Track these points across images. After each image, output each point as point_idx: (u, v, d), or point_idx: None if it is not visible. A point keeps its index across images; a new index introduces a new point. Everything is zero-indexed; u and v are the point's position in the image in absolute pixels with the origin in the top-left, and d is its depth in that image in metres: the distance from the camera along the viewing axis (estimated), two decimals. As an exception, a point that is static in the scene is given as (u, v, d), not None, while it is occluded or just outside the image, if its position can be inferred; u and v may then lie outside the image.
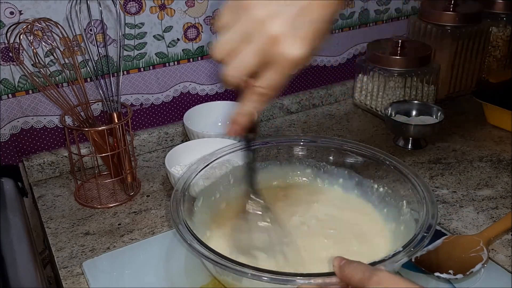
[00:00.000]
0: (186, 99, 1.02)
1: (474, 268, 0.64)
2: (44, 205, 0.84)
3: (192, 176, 0.71)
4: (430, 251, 0.67)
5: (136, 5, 0.89)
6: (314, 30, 0.46)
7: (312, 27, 0.46)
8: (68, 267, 0.70)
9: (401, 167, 0.71)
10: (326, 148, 0.79)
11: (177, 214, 0.63)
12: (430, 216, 0.61)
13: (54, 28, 0.79)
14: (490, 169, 0.90)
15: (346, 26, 1.15)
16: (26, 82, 0.86)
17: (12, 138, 0.89)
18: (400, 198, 0.69)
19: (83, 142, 0.94)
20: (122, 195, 0.85)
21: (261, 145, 0.79)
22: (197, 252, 0.57)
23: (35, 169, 0.90)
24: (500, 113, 1.02)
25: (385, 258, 0.54)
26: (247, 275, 0.52)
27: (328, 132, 1.05)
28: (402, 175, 0.70)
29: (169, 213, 0.68)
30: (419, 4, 1.22)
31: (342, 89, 1.19)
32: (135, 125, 0.99)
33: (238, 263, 0.54)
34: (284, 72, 0.47)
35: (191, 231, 0.60)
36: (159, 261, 0.70)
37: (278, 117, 1.13)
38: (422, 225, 0.60)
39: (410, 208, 0.67)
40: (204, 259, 0.56)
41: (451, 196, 0.83)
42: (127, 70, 0.94)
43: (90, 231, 0.77)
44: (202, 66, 1.01)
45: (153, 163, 0.96)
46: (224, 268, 0.54)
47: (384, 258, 0.54)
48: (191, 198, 0.70)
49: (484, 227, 0.74)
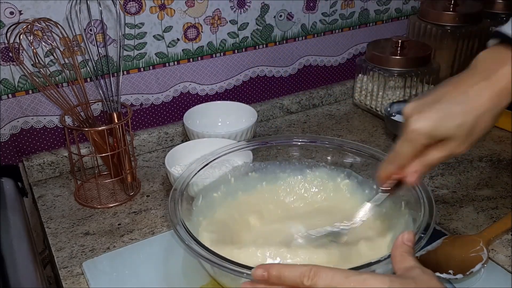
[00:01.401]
0: (186, 99, 1.02)
1: (474, 268, 0.64)
2: (44, 205, 0.84)
3: (191, 176, 0.71)
4: (430, 251, 0.67)
5: (136, 5, 0.89)
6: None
7: None
8: (68, 267, 0.70)
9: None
10: (325, 148, 0.79)
11: (175, 214, 0.63)
12: (428, 216, 0.61)
13: (54, 28, 0.79)
14: (490, 169, 0.90)
15: (346, 26, 1.15)
16: (26, 82, 0.86)
17: (12, 138, 0.89)
18: (399, 198, 0.69)
19: (83, 142, 0.94)
20: (122, 195, 0.85)
21: (261, 145, 0.79)
22: (194, 252, 0.56)
23: (35, 169, 0.90)
24: (500, 113, 1.02)
25: (380, 259, 0.54)
26: (242, 275, 0.52)
27: (328, 132, 1.05)
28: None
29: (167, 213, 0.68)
30: (419, 4, 1.22)
31: (342, 89, 1.19)
32: (135, 125, 0.99)
33: (235, 263, 0.54)
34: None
35: (188, 231, 0.60)
36: (159, 261, 0.70)
37: (278, 117, 1.13)
38: (420, 225, 0.60)
39: (409, 208, 0.67)
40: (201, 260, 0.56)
41: (451, 196, 0.83)
42: (127, 70, 0.94)
43: (90, 231, 0.77)
44: (202, 66, 1.01)
45: (153, 163, 0.96)
46: (221, 269, 0.54)
47: (380, 259, 0.54)
48: (190, 197, 0.70)
49: (484, 227, 0.74)
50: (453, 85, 0.55)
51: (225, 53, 1.02)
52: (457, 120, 0.52)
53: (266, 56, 1.07)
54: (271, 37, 1.06)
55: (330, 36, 1.14)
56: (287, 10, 1.05)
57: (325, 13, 1.10)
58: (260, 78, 1.09)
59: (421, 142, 0.54)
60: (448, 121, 0.53)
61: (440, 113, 0.53)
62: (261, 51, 1.06)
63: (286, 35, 1.08)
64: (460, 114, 0.52)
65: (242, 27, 1.01)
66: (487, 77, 0.52)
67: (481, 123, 0.53)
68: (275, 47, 1.08)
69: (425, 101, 0.55)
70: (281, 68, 1.11)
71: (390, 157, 0.58)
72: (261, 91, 1.11)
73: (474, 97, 0.52)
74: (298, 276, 0.43)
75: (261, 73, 1.09)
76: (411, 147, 0.55)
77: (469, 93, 0.53)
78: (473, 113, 0.52)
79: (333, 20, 1.12)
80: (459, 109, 0.52)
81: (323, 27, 1.11)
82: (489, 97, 0.52)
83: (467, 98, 0.53)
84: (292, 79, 1.13)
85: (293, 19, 1.07)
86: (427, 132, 0.53)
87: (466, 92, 0.53)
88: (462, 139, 0.53)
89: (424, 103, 0.54)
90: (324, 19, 1.11)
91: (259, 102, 1.11)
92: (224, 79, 1.05)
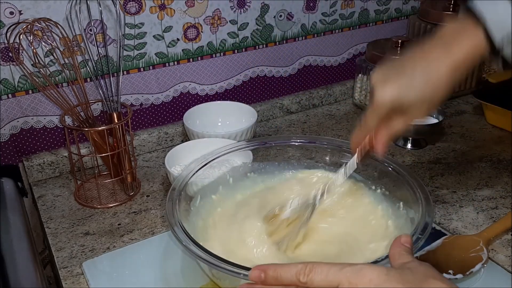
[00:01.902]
0: (186, 99, 1.02)
1: (474, 268, 0.64)
2: (44, 205, 0.84)
3: (189, 176, 0.71)
4: (430, 251, 0.67)
5: (136, 5, 0.89)
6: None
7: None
8: (68, 267, 0.70)
9: (398, 168, 0.71)
10: (324, 148, 0.79)
11: (172, 214, 0.62)
12: (426, 216, 0.61)
13: (54, 28, 0.79)
14: (490, 169, 0.90)
15: (346, 26, 1.15)
16: (26, 82, 0.86)
17: (12, 138, 0.89)
18: (397, 199, 0.69)
19: (83, 142, 0.94)
20: (122, 195, 0.85)
21: (260, 145, 0.79)
22: (191, 253, 0.56)
23: (35, 169, 0.90)
24: (500, 113, 1.02)
25: (378, 259, 0.54)
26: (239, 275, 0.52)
27: (328, 132, 1.05)
28: (398, 175, 0.70)
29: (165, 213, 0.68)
30: (419, 4, 1.22)
31: (342, 89, 1.19)
32: (135, 125, 0.99)
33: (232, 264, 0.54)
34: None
35: (186, 232, 0.59)
36: (159, 261, 0.70)
37: (278, 117, 1.13)
38: (418, 226, 0.60)
39: (407, 209, 0.67)
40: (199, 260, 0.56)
41: (451, 196, 0.83)
42: (127, 70, 0.94)
43: (90, 231, 0.77)
44: (202, 66, 1.01)
45: (153, 163, 0.96)
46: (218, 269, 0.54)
47: (377, 259, 0.54)
48: (189, 197, 0.70)
49: (484, 227, 0.74)
50: (418, 55, 0.58)
51: (225, 53, 1.02)
52: (417, 92, 0.57)
53: (266, 56, 1.07)
54: (271, 37, 1.06)
55: (330, 36, 1.14)
56: (287, 10, 1.05)
57: (325, 13, 1.10)
58: (260, 78, 1.09)
59: (385, 111, 0.58)
60: (410, 92, 0.57)
61: (402, 85, 0.57)
62: (261, 51, 1.06)
63: (286, 35, 1.08)
64: (420, 86, 0.56)
65: (242, 27, 1.01)
66: (448, 50, 0.56)
67: (438, 94, 0.57)
68: (275, 47, 1.08)
69: (391, 70, 0.59)
70: (281, 68, 1.11)
71: (360, 125, 0.62)
72: (261, 91, 1.11)
73: (434, 69, 0.56)
74: (295, 274, 0.43)
75: (261, 73, 1.09)
76: (376, 115, 0.59)
77: (430, 66, 0.57)
78: (432, 85, 0.56)
79: (333, 20, 1.12)
80: (420, 82, 0.56)
81: (323, 27, 1.11)
82: (447, 71, 0.56)
83: (428, 71, 0.56)
84: (292, 79, 1.13)
85: (293, 19, 1.07)
86: (390, 102, 0.57)
87: (428, 66, 0.57)
88: (421, 108, 0.58)
89: (390, 73, 0.59)
90: (324, 19, 1.11)
91: (259, 102, 1.11)
92: (224, 79, 1.05)
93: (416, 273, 0.41)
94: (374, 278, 0.40)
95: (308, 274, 0.42)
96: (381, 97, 0.58)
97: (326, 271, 0.42)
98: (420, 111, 0.58)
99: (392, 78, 0.58)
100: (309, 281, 0.42)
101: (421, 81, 0.56)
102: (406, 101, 0.57)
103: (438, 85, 0.56)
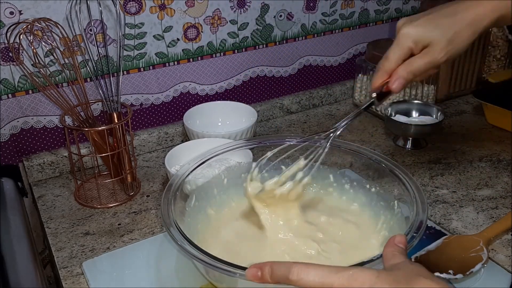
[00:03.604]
0: (186, 99, 1.02)
1: (474, 268, 0.64)
2: (44, 205, 0.84)
3: (185, 175, 0.70)
4: (430, 251, 0.67)
5: (136, 5, 0.89)
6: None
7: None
8: (68, 267, 0.70)
9: (393, 166, 0.71)
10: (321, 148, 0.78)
11: (167, 215, 0.62)
12: (420, 215, 0.61)
13: (54, 28, 0.79)
14: (490, 169, 0.90)
15: (346, 26, 1.15)
16: (26, 82, 0.86)
17: (12, 138, 0.89)
18: (392, 198, 0.69)
19: (83, 142, 0.94)
20: (122, 195, 0.85)
21: (259, 145, 0.79)
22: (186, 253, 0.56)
23: (35, 169, 0.90)
24: (500, 113, 1.02)
25: (373, 258, 0.54)
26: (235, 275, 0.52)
27: (328, 132, 1.05)
28: (393, 175, 0.70)
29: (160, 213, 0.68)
30: (419, 4, 1.22)
31: (342, 89, 1.19)
32: (135, 125, 0.99)
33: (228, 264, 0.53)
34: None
35: (181, 231, 0.59)
36: (159, 261, 0.70)
37: (278, 117, 1.13)
38: (412, 224, 0.60)
39: (401, 208, 0.67)
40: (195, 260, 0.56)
41: (451, 196, 0.83)
42: (127, 70, 0.94)
43: (90, 231, 0.77)
44: (202, 66, 1.01)
45: (153, 163, 0.96)
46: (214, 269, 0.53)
47: (372, 258, 0.54)
48: (185, 196, 0.70)
49: (484, 227, 0.74)
50: (447, 4, 0.63)
51: (225, 53, 1.02)
52: (441, 29, 0.61)
53: (266, 56, 1.07)
54: (271, 37, 1.06)
55: (330, 36, 1.14)
56: (287, 10, 1.05)
57: (325, 13, 1.10)
58: (260, 78, 1.09)
59: (408, 45, 0.62)
60: (434, 29, 0.61)
61: (427, 22, 0.62)
62: (261, 51, 1.06)
63: (286, 35, 1.08)
64: (445, 24, 0.61)
65: (242, 27, 1.01)
66: (476, 3, 0.61)
67: (461, 36, 0.61)
68: (275, 47, 1.08)
69: (417, 15, 0.64)
70: (281, 68, 1.11)
71: (382, 63, 0.64)
72: (261, 91, 1.11)
73: (460, 12, 0.62)
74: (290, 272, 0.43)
75: (261, 73, 1.09)
76: (399, 50, 0.62)
77: (457, 9, 0.62)
78: (456, 25, 0.61)
79: (333, 20, 1.12)
80: (445, 21, 0.61)
81: (323, 27, 1.11)
82: (473, 17, 0.61)
83: (455, 13, 0.62)
84: (292, 79, 1.13)
85: (293, 19, 1.07)
86: (414, 35, 0.61)
87: (455, 9, 0.62)
88: (442, 46, 0.61)
89: (416, 16, 0.64)
90: (324, 19, 1.11)
91: (259, 102, 1.11)
92: (224, 79, 1.05)
93: (406, 273, 0.42)
94: (366, 281, 0.41)
95: (298, 274, 0.43)
96: (406, 31, 0.62)
97: (321, 274, 0.42)
98: (441, 51, 0.61)
99: (419, 18, 0.63)
100: (299, 280, 0.43)
101: (447, 21, 0.61)
102: (429, 36, 0.61)
103: (462, 26, 0.61)
